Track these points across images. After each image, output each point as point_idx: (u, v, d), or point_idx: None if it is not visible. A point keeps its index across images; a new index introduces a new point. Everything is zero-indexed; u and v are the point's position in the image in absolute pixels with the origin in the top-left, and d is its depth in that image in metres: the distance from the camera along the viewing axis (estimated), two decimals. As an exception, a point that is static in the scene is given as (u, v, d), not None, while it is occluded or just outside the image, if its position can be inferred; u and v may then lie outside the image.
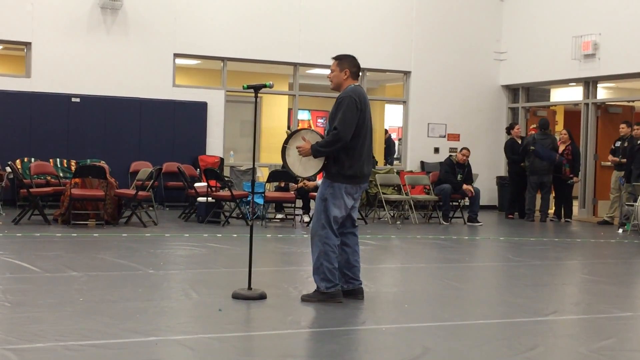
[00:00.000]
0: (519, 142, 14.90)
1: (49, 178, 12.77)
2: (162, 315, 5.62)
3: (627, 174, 13.02)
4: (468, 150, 13.90)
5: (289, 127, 16.05)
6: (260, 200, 12.18)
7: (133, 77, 14.37)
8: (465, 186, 13.54)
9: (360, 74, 6.57)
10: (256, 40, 15.21)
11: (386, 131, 20.24)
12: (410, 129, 16.76)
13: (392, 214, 13.68)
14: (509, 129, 15.41)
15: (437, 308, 6.29)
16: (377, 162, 16.06)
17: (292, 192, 12.54)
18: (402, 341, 5.13)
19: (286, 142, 6.29)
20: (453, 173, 13.67)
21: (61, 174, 13.03)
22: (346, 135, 5.96)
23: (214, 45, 15.01)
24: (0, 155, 12.89)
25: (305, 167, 6.27)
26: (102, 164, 12.78)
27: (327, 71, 6.40)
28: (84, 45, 14.05)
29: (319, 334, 5.35)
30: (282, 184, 12.87)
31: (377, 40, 16.12)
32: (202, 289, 6.60)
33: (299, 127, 14.90)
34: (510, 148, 14.97)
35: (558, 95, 18.55)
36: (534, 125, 15.31)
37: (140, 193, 11.24)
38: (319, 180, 12.37)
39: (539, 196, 14.49)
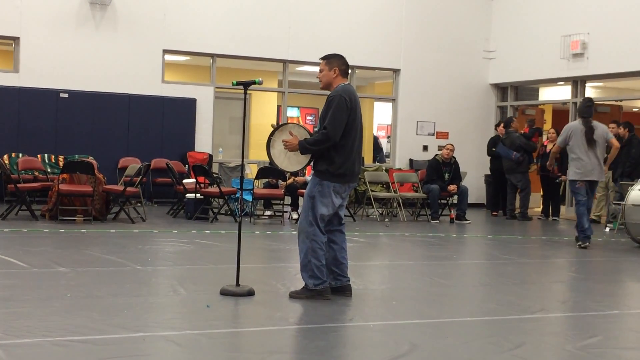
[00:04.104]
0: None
1: (36, 173, 12.72)
2: (149, 311, 5.62)
3: (614, 172, 13.13)
4: (452, 145, 13.95)
5: (276, 125, 16.02)
6: (248, 197, 12.18)
7: (122, 73, 14.32)
8: (450, 187, 13.57)
9: (350, 71, 6.58)
10: (246, 36, 15.19)
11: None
12: (399, 126, 16.78)
13: (380, 212, 13.70)
14: (496, 126, 15.53)
15: (424, 305, 6.31)
16: (363, 159, 16.04)
17: (281, 190, 12.54)
18: (389, 338, 5.14)
19: (272, 134, 6.29)
20: (440, 174, 13.67)
21: (49, 170, 12.98)
22: (335, 135, 5.97)
23: (203, 41, 14.97)
24: (-12, 151, 12.85)
25: (291, 162, 6.27)
26: (90, 159, 12.72)
27: (317, 68, 6.39)
28: (72, 41, 14.00)
29: (307, 331, 5.35)
30: (273, 181, 12.86)
31: (366, 37, 16.13)
32: (190, 285, 6.59)
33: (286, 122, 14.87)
34: (492, 144, 15.11)
35: (546, 94, 18.62)
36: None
37: (128, 189, 11.21)
38: (308, 176, 12.40)
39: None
